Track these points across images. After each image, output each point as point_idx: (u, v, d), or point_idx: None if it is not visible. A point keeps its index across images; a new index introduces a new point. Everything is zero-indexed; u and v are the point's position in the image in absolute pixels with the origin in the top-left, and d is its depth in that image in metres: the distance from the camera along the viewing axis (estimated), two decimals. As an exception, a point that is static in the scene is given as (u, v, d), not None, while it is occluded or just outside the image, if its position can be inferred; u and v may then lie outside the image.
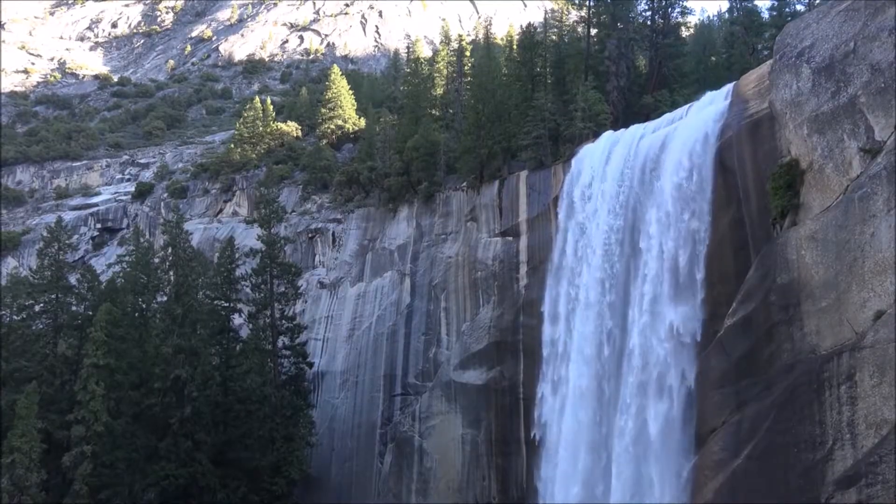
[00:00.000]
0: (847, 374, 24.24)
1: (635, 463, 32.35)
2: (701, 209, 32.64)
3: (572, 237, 40.82)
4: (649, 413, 32.20)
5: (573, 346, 38.08)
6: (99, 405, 46.08)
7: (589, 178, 40.78)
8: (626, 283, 35.81)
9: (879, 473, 22.26)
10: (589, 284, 37.91)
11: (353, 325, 62.25)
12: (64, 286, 54.40)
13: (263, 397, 54.00)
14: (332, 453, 60.51)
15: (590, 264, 38.11)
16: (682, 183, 33.38)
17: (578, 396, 36.81)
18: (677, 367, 31.70)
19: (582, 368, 37.12)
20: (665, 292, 32.85)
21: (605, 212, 37.98)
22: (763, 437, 27.02)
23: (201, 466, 49.00)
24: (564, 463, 36.55)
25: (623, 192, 37.16)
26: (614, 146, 40.09)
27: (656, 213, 34.39)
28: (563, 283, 40.96)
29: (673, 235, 33.28)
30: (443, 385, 51.71)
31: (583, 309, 37.86)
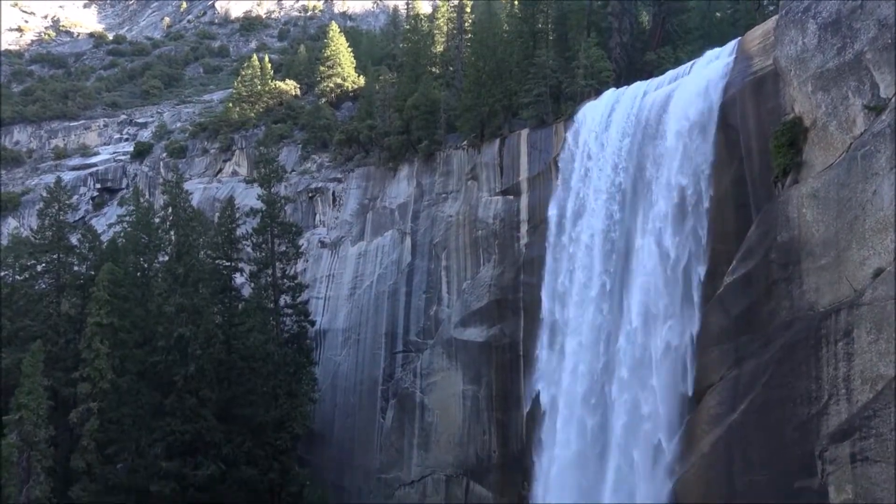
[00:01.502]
0: (845, 330, 24.54)
1: (633, 400, 32.62)
2: (703, 167, 32.58)
3: (574, 195, 40.79)
4: (652, 345, 32.29)
5: (573, 301, 38.31)
6: (104, 363, 46.69)
7: (591, 137, 40.57)
8: (627, 241, 35.89)
9: (873, 427, 22.69)
10: (590, 242, 38.01)
11: (354, 284, 62.60)
12: (65, 246, 54.59)
13: (266, 355, 54.63)
14: (335, 409, 61.47)
15: (591, 222, 38.16)
16: (685, 141, 33.25)
17: (578, 350, 37.11)
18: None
19: (582, 325, 37.39)
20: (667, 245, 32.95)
21: (607, 170, 37.91)
22: (760, 392, 27.46)
23: (206, 422, 49.81)
24: (564, 417, 37.06)
25: (625, 150, 37.04)
26: (617, 104, 39.80)
27: (658, 171, 34.34)
28: (564, 242, 41.06)
29: (674, 193, 33.29)
30: (444, 342, 52.25)
31: (583, 267, 38.01)
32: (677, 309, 32.12)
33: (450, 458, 50.62)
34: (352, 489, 58.24)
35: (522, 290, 46.56)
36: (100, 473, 45.97)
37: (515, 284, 47.30)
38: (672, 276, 32.64)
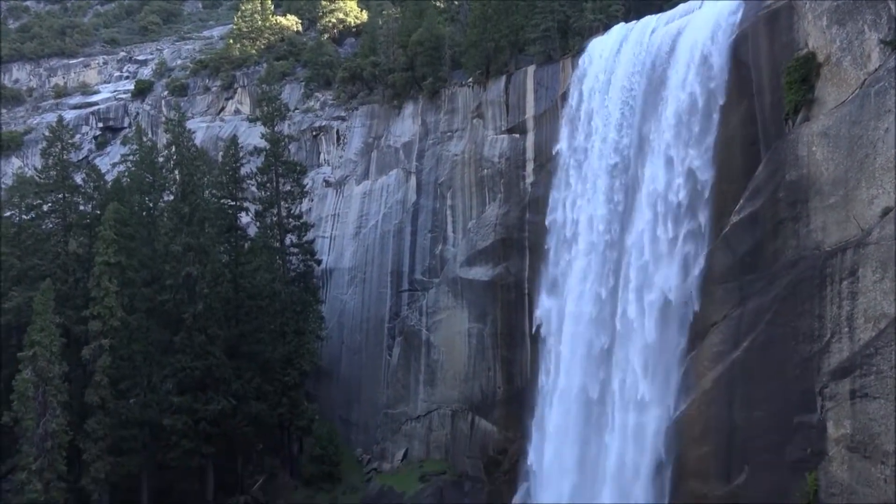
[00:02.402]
0: (850, 269, 24.59)
1: (640, 335, 32.89)
2: (713, 103, 32.06)
3: (581, 133, 40.31)
4: (657, 277, 32.41)
5: (580, 237, 38.27)
6: (113, 301, 47.24)
7: (599, 73, 39.82)
8: (634, 177, 35.59)
9: (874, 365, 22.98)
10: (597, 177, 37.72)
11: (359, 223, 62.67)
12: (70, 186, 54.55)
13: (273, 293, 55.19)
14: (342, 346, 62.44)
15: (599, 160, 37.79)
16: (695, 77, 32.62)
17: (582, 283, 37.24)
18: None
19: (587, 258, 37.39)
20: (673, 189, 32.73)
21: (615, 107, 37.31)
22: (763, 330, 27.72)
23: (216, 359, 50.71)
24: (568, 349, 37.49)
25: (634, 87, 36.39)
26: (625, 39, 38.89)
27: (667, 107, 33.81)
28: (570, 179, 40.78)
29: (683, 130, 32.86)
30: (449, 281, 52.62)
31: (589, 201, 37.81)
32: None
33: (455, 394, 51.65)
34: (359, 423, 59.69)
35: (528, 228, 46.56)
36: (113, 408, 47.10)
37: (521, 223, 47.29)
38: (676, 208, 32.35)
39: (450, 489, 47.03)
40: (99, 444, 46.05)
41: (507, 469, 45.69)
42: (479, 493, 46.26)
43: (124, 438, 47.52)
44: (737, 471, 28.29)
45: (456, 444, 51.36)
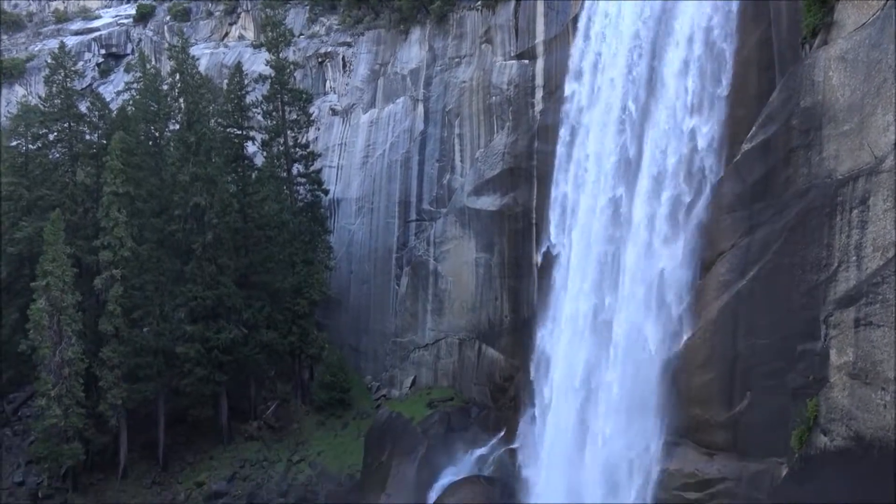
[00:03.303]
0: (861, 198, 24.22)
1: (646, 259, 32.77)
2: (728, 26, 31.01)
3: (593, 58, 39.20)
4: (663, 198, 32.06)
5: (589, 165, 37.75)
6: (123, 231, 47.57)
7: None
8: (646, 101, 34.75)
9: (880, 293, 22.89)
10: (608, 103, 36.87)
11: (366, 153, 62.16)
12: (75, 114, 54.16)
13: (282, 223, 55.36)
14: (351, 276, 62.95)
15: (611, 83, 36.82)
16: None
17: (591, 215, 36.96)
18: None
19: (597, 186, 36.96)
20: (687, 105, 31.94)
21: (629, 29, 36.10)
22: (770, 259, 27.59)
23: (226, 288, 51.35)
24: (574, 279, 37.55)
25: (648, 7, 35.15)
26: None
27: (682, 28, 32.70)
28: (581, 106, 39.92)
29: (698, 51, 31.91)
30: (457, 211, 52.47)
31: (600, 127, 37.11)
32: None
33: (462, 323, 52.26)
34: (368, 351, 60.77)
35: (536, 157, 46.00)
36: (127, 336, 48.09)
37: (529, 152, 46.70)
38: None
39: (457, 415, 48.16)
40: (114, 372, 47.26)
41: (513, 396, 46.61)
42: (486, 419, 47.36)
43: (139, 366, 48.70)
44: (739, 397, 28.70)
45: (463, 371, 52.32)
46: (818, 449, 23.46)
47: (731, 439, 29.01)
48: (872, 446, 21.84)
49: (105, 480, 48.96)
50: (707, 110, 31.37)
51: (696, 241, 31.16)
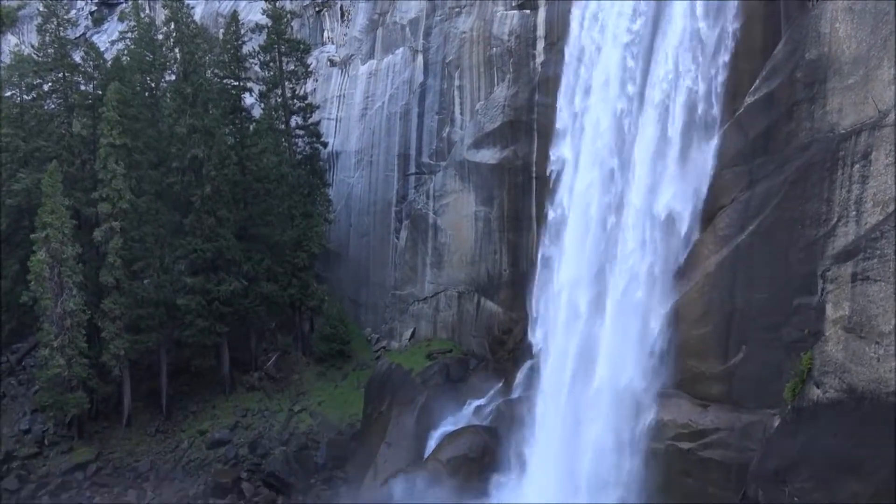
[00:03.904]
0: (863, 152, 24.17)
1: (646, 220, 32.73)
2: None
3: (594, 7, 38.43)
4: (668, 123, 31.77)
5: (589, 119, 37.40)
6: (121, 183, 47.42)
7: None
8: (647, 54, 34.25)
9: (878, 248, 23.01)
10: (610, 54, 36.31)
11: (365, 105, 61.51)
12: (69, 64, 53.39)
13: (280, 176, 55.15)
14: (350, 229, 62.98)
15: (614, 35, 36.16)
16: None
17: (592, 165, 36.77)
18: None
19: (597, 137, 36.65)
20: (689, 59, 31.47)
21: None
22: (770, 213, 27.65)
23: (226, 241, 51.46)
24: (573, 234, 37.61)
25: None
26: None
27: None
28: (582, 57, 39.32)
29: (701, 9, 31.35)
30: (456, 164, 52.23)
31: (602, 83, 36.65)
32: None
33: (462, 276, 52.51)
34: (368, 304, 61.19)
35: (537, 110, 45.56)
36: (128, 288, 48.37)
37: (529, 105, 46.23)
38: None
39: (455, 366, 48.76)
40: (116, 323, 47.68)
41: (511, 348, 47.15)
42: (484, 371, 47.97)
43: (141, 317, 49.12)
44: (734, 350, 29.10)
45: (462, 324, 52.79)
46: (811, 401, 23.90)
47: (726, 391, 29.52)
48: (864, 398, 22.26)
49: (110, 428, 49.86)
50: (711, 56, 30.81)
51: (697, 194, 31.11)
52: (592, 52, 37.60)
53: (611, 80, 35.46)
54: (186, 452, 49.08)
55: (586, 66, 38.00)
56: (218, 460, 48.30)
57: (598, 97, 36.48)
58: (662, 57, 32.58)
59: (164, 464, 48.11)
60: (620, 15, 35.27)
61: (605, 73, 36.05)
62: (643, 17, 33.98)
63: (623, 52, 34.90)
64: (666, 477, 30.21)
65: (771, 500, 24.75)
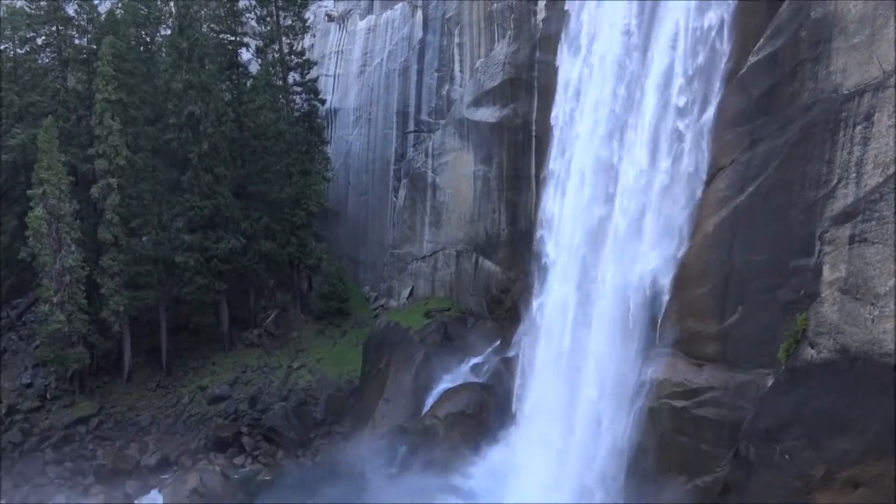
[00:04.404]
0: (866, 113, 23.97)
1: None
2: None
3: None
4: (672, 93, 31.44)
5: (592, 75, 36.93)
6: (117, 140, 47.06)
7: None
8: (651, 9, 33.68)
9: (877, 210, 22.99)
10: (614, 8, 35.64)
11: (364, 61, 60.75)
12: (63, 17, 52.45)
13: (278, 133, 54.76)
14: (349, 187, 62.83)
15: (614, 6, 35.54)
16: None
17: (593, 127, 36.47)
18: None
19: (599, 94, 36.28)
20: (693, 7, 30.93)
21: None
22: (770, 175, 27.54)
23: (224, 199, 51.31)
24: (573, 192, 37.49)
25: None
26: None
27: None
28: (585, 11, 38.64)
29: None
30: (456, 122, 51.81)
31: (606, 39, 36.07)
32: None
33: (460, 235, 52.55)
34: (366, 262, 61.38)
35: (537, 68, 45.01)
36: (126, 245, 48.38)
37: (530, 62, 45.66)
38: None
39: (453, 324, 49.14)
40: (115, 280, 47.82)
41: (509, 307, 47.44)
42: (482, 329, 48.36)
43: (139, 274, 49.25)
44: (730, 311, 29.28)
45: (460, 283, 53.02)
46: (804, 361, 24.14)
47: (721, 351, 29.80)
48: (857, 359, 22.49)
49: (111, 383, 50.43)
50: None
51: (697, 154, 30.94)
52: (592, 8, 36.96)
53: (614, 32, 34.84)
54: (187, 407, 49.73)
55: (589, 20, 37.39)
56: (218, 415, 48.97)
57: (603, 47, 35.92)
58: (664, 11, 32.04)
59: (165, 418, 48.79)
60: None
61: (609, 22, 35.39)
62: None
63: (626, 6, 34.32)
64: (659, 434, 30.68)
65: (762, 457, 25.20)
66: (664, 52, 31.94)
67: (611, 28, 35.09)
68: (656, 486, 30.45)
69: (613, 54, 34.76)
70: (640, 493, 30.84)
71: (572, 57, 38.58)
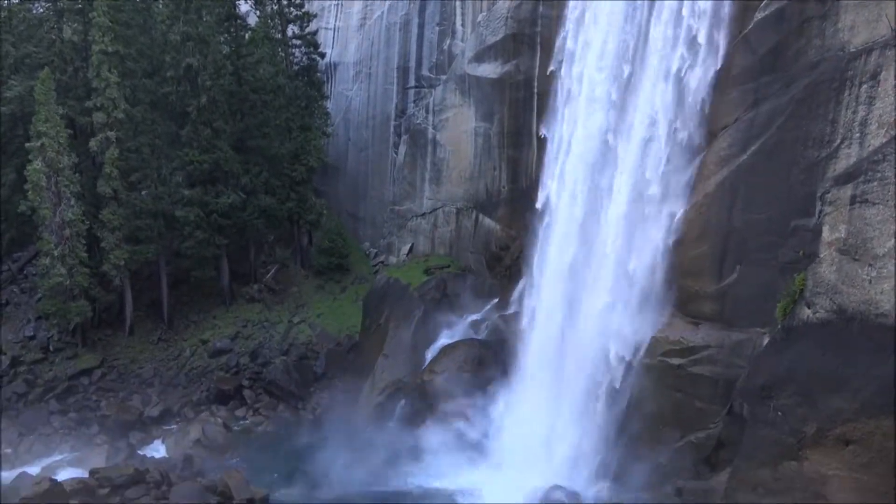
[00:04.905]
0: (872, 72, 23.72)
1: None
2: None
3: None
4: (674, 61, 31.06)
5: (596, 33, 36.39)
6: (115, 92, 46.60)
7: None
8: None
9: (879, 171, 22.92)
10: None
11: (364, 14, 59.75)
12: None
13: (277, 87, 54.20)
14: (349, 143, 62.43)
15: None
16: None
17: (595, 85, 36.08)
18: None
19: (603, 48, 35.78)
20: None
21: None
22: (773, 133, 27.38)
23: (223, 153, 51.05)
24: (575, 153, 37.31)
25: None
26: None
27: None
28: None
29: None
30: (457, 78, 51.22)
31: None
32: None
33: (460, 192, 52.41)
34: (366, 219, 61.35)
35: (541, 23, 44.26)
36: (126, 199, 48.30)
37: (533, 17, 44.85)
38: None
39: (453, 281, 49.33)
40: (115, 234, 47.86)
41: (508, 264, 47.61)
42: (481, 286, 48.57)
43: (139, 228, 49.30)
44: (729, 270, 29.44)
45: (460, 240, 53.09)
46: (800, 320, 24.35)
47: (718, 310, 30.04)
48: (853, 319, 22.69)
49: (113, 336, 50.89)
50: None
51: (700, 112, 30.68)
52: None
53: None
54: (188, 361, 50.29)
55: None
56: (219, 368, 49.56)
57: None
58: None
59: (167, 371, 49.38)
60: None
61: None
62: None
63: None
64: (655, 390, 31.12)
65: (756, 414, 25.61)
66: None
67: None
68: (650, 441, 31.02)
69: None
70: (634, 448, 31.42)
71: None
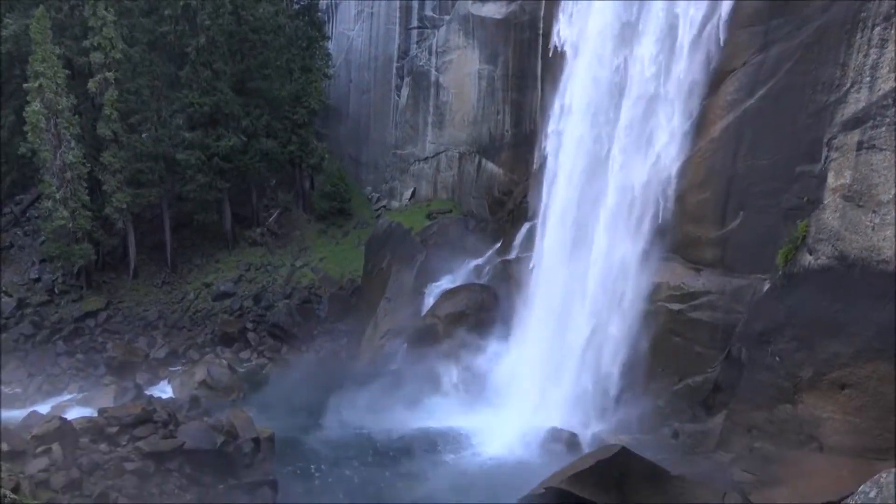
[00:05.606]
0: (886, 14, 23.13)
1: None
2: None
3: None
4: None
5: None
6: (112, 32, 45.78)
7: None
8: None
9: (888, 116, 22.59)
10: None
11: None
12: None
13: (277, 27, 53.21)
14: (350, 85, 61.56)
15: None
16: None
17: (598, 33, 35.35)
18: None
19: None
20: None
21: None
22: (781, 77, 26.89)
23: (223, 95, 50.44)
24: (577, 99, 36.77)
25: None
26: None
27: None
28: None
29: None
30: (460, 18, 50.14)
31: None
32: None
33: (463, 136, 51.92)
34: (368, 163, 60.96)
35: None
36: (127, 141, 47.96)
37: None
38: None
39: (455, 226, 49.34)
40: (117, 177, 47.71)
41: (510, 209, 47.47)
42: (483, 231, 48.59)
43: (141, 171, 49.11)
44: (732, 216, 29.32)
45: (462, 185, 52.85)
46: (802, 267, 24.39)
47: (720, 256, 30.05)
48: (854, 266, 22.72)
49: (117, 279, 51.27)
50: None
51: (708, 56, 30.06)
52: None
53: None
54: (193, 303, 50.75)
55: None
56: (223, 311, 50.06)
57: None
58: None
59: (172, 314, 49.89)
60: None
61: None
62: None
63: None
64: (655, 335, 31.40)
65: (753, 358, 25.90)
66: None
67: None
68: (649, 384, 31.47)
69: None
70: (632, 391, 31.91)
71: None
